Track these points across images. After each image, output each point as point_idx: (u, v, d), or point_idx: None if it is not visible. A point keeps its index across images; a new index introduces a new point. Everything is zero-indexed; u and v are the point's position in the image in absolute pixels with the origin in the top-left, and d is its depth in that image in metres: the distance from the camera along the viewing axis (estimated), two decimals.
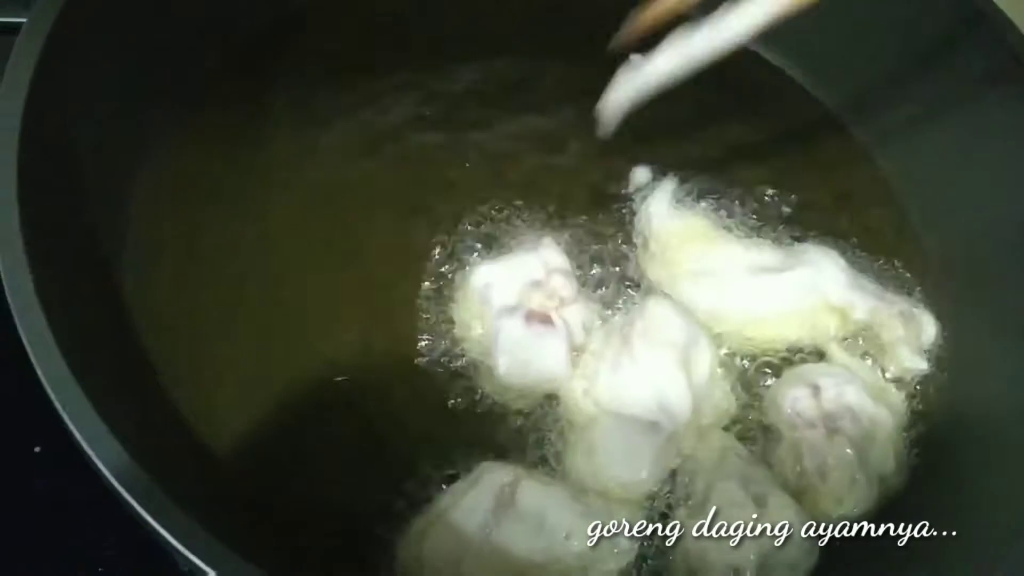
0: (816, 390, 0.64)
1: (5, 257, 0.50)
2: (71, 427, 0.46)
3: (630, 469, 0.59)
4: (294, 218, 0.69)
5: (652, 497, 0.60)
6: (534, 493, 0.56)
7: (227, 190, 0.69)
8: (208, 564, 0.44)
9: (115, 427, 0.47)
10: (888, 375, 0.68)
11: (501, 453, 0.60)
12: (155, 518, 0.45)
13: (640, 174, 0.74)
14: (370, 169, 0.72)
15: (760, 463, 0.63)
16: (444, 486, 0.58)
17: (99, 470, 0.46)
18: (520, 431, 0.62)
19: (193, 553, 0.44)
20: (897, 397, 0.67)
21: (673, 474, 0.61)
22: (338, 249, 0.68)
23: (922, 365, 0.69)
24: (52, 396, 0.47)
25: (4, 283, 0.50)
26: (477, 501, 0.55)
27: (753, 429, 0.64)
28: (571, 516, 0.56)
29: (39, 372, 0.47)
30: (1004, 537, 0.55)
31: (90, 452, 0.46)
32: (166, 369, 0.61)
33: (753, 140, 0.80)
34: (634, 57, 0.64)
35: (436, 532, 0.55)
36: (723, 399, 0.65)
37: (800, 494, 0.61)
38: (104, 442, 0.46)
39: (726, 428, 0.64)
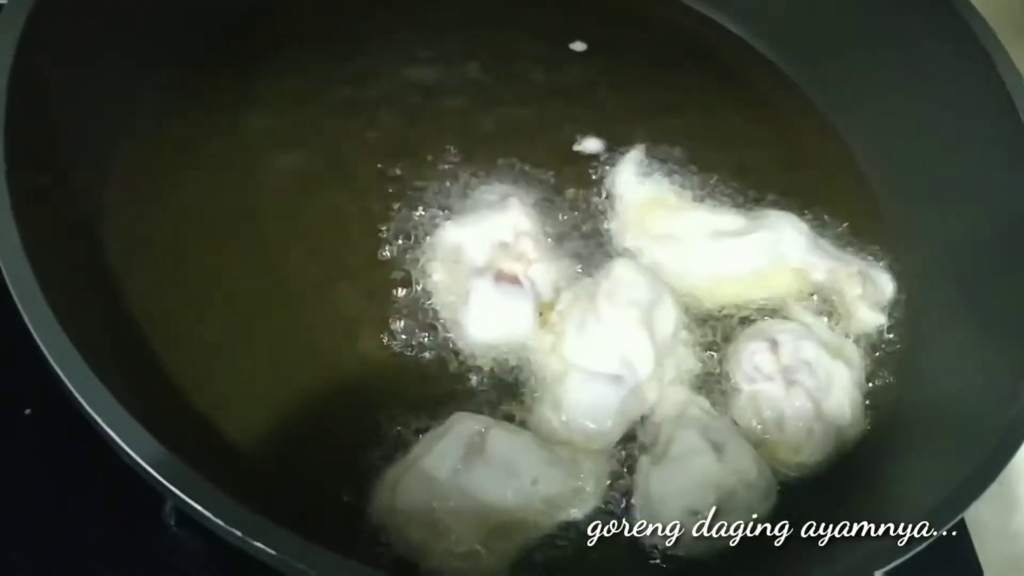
0: (774, 345, 0.67)
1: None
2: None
3: (595, 421, 0.62)
4: (274, 195, 0.71)
5: (616, 446, 0.63)
6: (503, 441, 0.59)
7: (208, 166, 0.72)
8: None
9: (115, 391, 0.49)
10: (847, 331, 0.71)
11: (474, 407, 0.63)
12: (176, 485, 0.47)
13: (590, 143, 0.77)
14: (342, 140, 0.75)
15: (721, 415, 0.65)
16: (420, 436, 0.61)
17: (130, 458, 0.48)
18: (491, 386, 0.64)
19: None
20: (854, 352, 0.70)
21: (637, 425, 0.64)
22: (316, 220, 0.71)
23: (880, 320, 0.72)
24: (65, 381, 0.49)
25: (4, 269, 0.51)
26: (448, 449, 0.58)
27: (714, 383, 0.67)
28: (538, 463, 0.59)
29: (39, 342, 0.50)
30: (943, 483, 0.58)
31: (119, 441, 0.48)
32: (162, 349, 0.63)
33: (719, 111, 0.83)
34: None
35: (409, 479, 0.58)
36: (686, 355, 0.67)
37: (759, 444, 0.64)
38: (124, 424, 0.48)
39: (688, 382, 0.67)
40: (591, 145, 0.77)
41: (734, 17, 0.89)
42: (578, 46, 0.84)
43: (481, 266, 0.66)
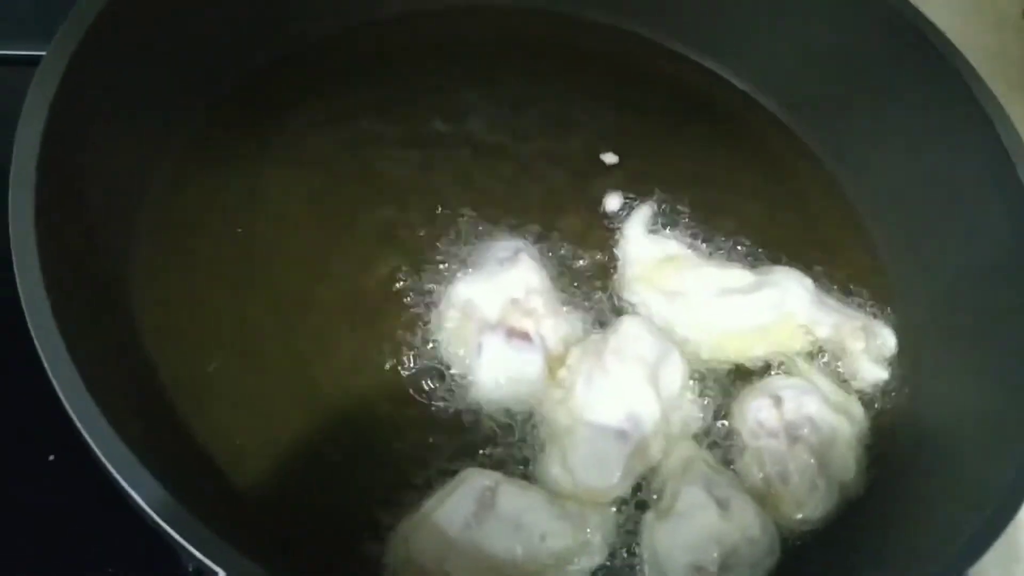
0: (778, 401, 0.68)
1: (23, 278, 0.54)
2: (100, 457, 0.50)
3: (601, 475, 0.64)
4: (291, 247, 0.73)
5: (623, 501, 0.64)
6: (513, 496, 0.61)
7: (227, 218, 0.74)
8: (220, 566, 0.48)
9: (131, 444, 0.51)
10: (851, 386, 0.73)
11: (484, 460, 0.65)
12: (176, 530, 0.49)
13: (612, 200, 0.79)
14: (358, 194, 0.77)
15: (725, 470, 0.67)
16: (430, 491, 0.62)
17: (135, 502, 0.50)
18: (501, 440, 0.66)
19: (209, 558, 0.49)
20: (857, 407, 0.72)
21: (643, 480, 0.65)
22: (328, 271, 0.72)
23: (883, 375, 0.74)
24: (80, 428, 0.51)
25: (24, 306, 0.53)
26: (460, 503, 0.60)
27: (720, 438, 0.69)
28: (547, 518, 0.61)
29: (63, 399, 0.52)
30: (947, 539, 0.59)
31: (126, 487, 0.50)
32: (175, 390, 0.65)
33: (725, 167, 0.85)
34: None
35: (422, 532, 0.59)
36: (692, 410, 0.69)
37: (763, 499, 0.66)
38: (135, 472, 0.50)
39: (694, 437, 0.68)
40: (611, 202, 0.79)
41: (741, 74, 0.92)
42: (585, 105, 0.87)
43: (493, 321, 0.68)
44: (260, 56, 0.82)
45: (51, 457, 0.68)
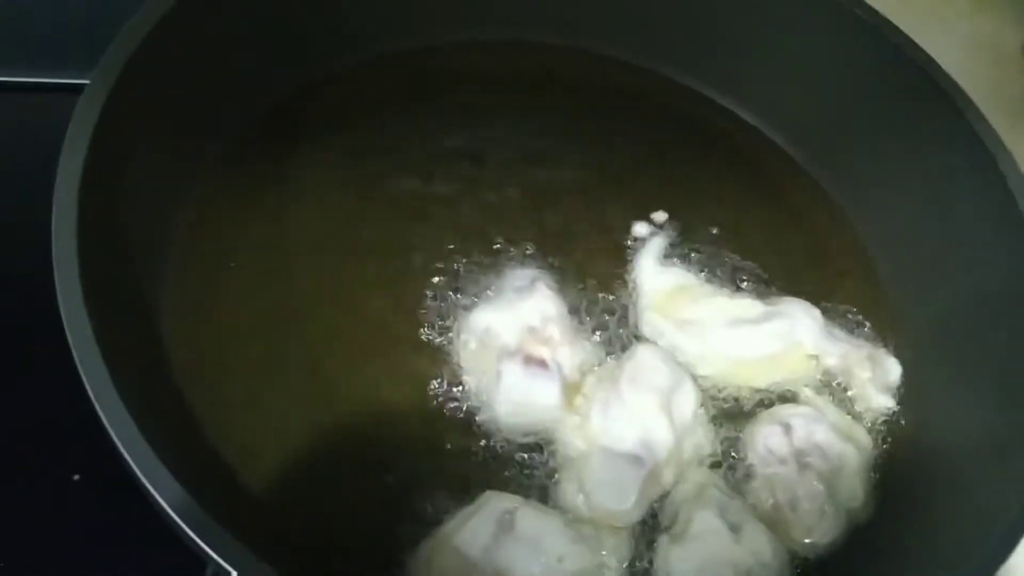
0: (788, 429, 0.70)
1: (67, 304, 0.56)
2: (134, 469, 0.53)
3: (617, 500, 0.65)
4: (312, 270, 0.75)
5: (638, 525, 0.66)
6: (532, 520, 0.63)
7: (251, 249, 0.76)
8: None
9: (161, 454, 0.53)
10: (857, 414, 0.75)
11: (503, 484, 0.67)
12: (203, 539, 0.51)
13: (639, 227, 0.82)
14: (381, 224, 0.79)
15: (737, 495, 0.69)
16: (448, 513, 0.64)
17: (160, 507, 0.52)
18: (520, 464, 0.68)
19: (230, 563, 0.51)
20: (864, 435, 0.74)
21: (657, 504, 0.67)
22: (352, 298, 0.75)
23: (889, 403, 0.76)
24: (116, 441, 0.53)
25: (66, 328, 0.56)
26: (480, 526, 0.62)
27: (731, 464, 0.71)
28: (564, 541, 0.62)
29: (97, 407, 0.54)
30: (953, 563, 0.61)
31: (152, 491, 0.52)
32: (202, 410, 0.67)
33: (736, 200, 0.87)
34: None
35: (443, 554, 0.61)
36: (704, 437, 0.71)
37: (773, 524, 0.67)
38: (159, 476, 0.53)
39: (706, 464, 0.70)
40: (620, 239, 0.81)
41: (751, 109, 0.94)
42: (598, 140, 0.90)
43: (511, 349, 0.70)
44: (286, 86, 0.85)
45: (76, 477, 0.70)
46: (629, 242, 0.81)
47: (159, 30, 0.69)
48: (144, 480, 0.52)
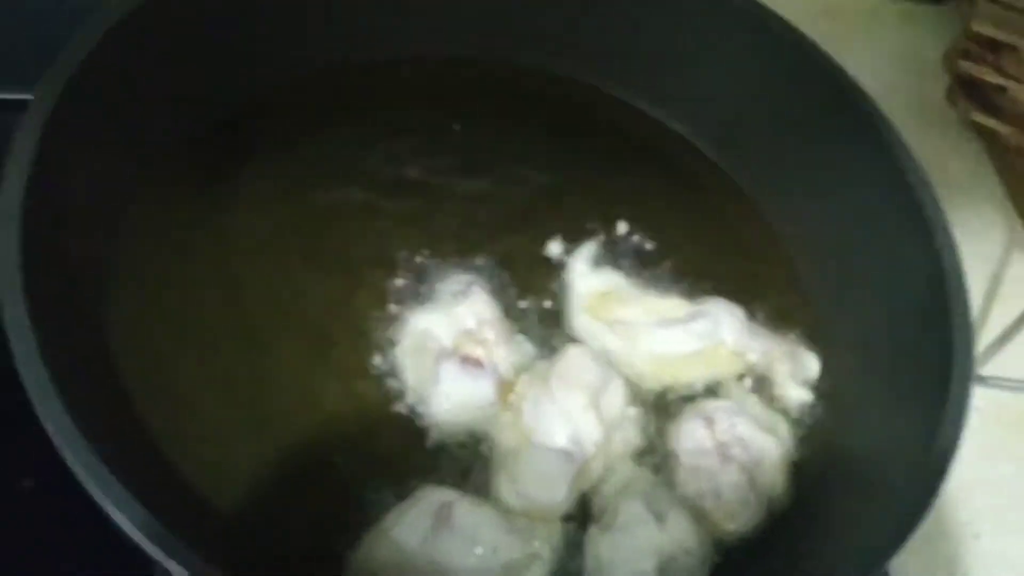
0: (711, 422, 0.74)
1: (11, 320, 0.58)
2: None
3: (548, 492, 0.69)
4: (258, 281, 0.77)
5: (569, 516, 0.70)
6: (468, 512, 0.66)
7: (198, 253, 0.78)
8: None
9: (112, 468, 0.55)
10: (778, 408, 0.79)
11: (441, 479, 0.70)
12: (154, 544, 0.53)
13: (553, 247, 0.85)
14: (324, 235, 0.81)
15: (663, 487, 0.72)
16: (389, 510, 0.67)
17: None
18: (457, 459, 0.71)
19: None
20: (784, 428, 0.78)
21: (587, 496, 0.71)
22: (298, 308, 0.77)
23: (806, 397, 0.80)
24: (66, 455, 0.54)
25: (12, 344, 0.57)
26: (418, 519, 0.65)
27: (658, 457, 0.75)
28: (499, 532, 0.66)
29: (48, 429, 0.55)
30: (865, 542, 0.66)
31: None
32: (152, 421, 0.68)
33: (664, 207, 0.91)
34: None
35: (382, 548, 0.64)
36: (632, 432, 0.74)
37: (698, 513, 0.71)
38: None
39: (634, 457, 0.74)
40: (552, 246, 0.85)
41: (679, 119, 0.98)
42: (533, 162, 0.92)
43: (449, 350, 0.74)
44: (233, 99, 0.86)
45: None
46: (561, 248, 0.84)
47: (104, 45, 0.70)
48: (96, 490, 0.54)
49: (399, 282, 0.79)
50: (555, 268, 0.83)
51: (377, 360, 0.75)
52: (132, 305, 0.73)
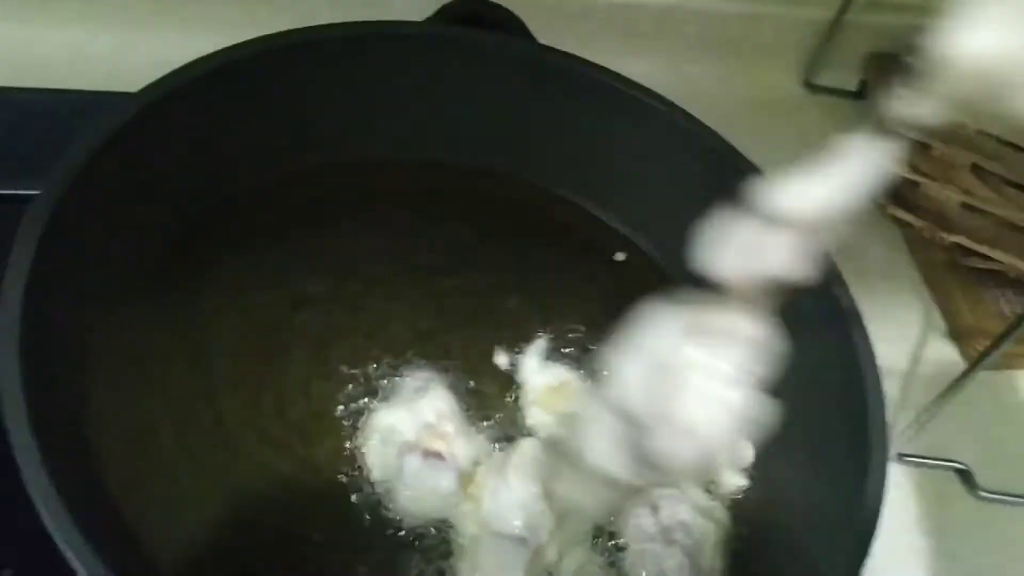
0: (655, 509, 0.80)
1: (11, 414, 0.61)
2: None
3: None
4: (232, 372, 0.82)
5: None
6: None
7: (175, 355, 0.82)
8: None
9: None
10: (715, 493, 0.85)
11: (405, 566, 0.74)
12: None
13: (505, 345, 0.91)
14: (298, 328, 0.87)
15: (612, 568, 0.78)
16: None
17: None
18: (420, 548, 0.76)
19: None
20: (722, 512, 0.84)
21: None
22: (270, 396, 0.82)
23: (741, 482, 0.86)
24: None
25: (12, 440, 0.60)
26: None
27: (607, 542, 0.80)
28: None
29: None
30: None
31: None
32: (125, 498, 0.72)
33: (603, 300, 0.97)
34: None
35: None
36: (584, 519, 0.80)
37: None
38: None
39: (586, 541, 0.79)
40: (503, 344, 0.91)
41: (621, 219, 1.05)
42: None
43: (411, 443, 0.79)
44: (214, 199, 0.91)
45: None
46: (511, 347, 0.91)
47: (108, 147, 0.76)
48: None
49: (366, 380, 0.84)
50: (509, 365, 0.89)
51: (344, 455, 0.80)
52: (112, 392, 0.77)
